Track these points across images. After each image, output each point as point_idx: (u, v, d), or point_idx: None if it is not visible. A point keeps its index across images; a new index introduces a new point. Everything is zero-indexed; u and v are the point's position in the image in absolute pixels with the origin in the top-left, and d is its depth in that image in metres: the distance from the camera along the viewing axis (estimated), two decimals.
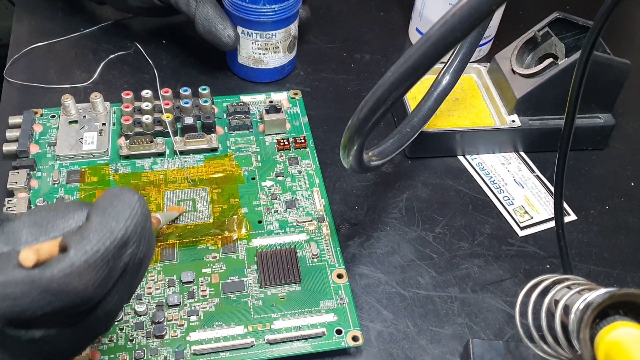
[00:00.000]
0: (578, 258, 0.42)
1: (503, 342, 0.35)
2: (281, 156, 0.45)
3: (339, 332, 0.36)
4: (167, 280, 0.37)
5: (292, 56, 0.51)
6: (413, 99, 0.48)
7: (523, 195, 0.45)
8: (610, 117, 0.48)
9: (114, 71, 0.52)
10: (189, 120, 0.45)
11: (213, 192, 0.42)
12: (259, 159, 0.45)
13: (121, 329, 0.35)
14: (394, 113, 0.50)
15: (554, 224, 0.37)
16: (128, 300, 0.27)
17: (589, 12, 0.40)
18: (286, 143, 0.45)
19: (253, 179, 0.43)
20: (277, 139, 0.46)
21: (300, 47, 0.53)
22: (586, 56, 0.31)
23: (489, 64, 0.49)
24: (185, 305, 0.37)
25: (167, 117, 0.45)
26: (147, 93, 0.45)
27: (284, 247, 0.40)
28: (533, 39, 0.47)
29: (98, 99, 0.46)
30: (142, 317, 0.36)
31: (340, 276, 0.38)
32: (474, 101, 0.49)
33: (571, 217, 0.44)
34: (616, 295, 0.26)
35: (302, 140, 0.46)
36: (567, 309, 0.29)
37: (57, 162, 0.43)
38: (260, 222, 0.41)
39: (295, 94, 0.49)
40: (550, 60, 0.44)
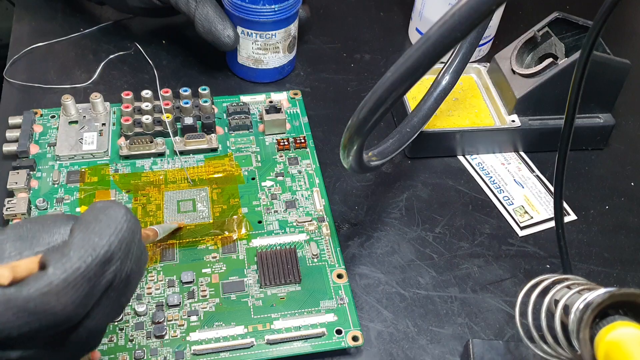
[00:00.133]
0: (578, 258, 0.42)
1: (503, 342, 0.35)
2: (281, 156, 0.45)
3: (339, 332, 0.36)
4: (167, 280, 0.38)
5: (292, 56, 0.51)
6: (413, 99, 0.48)
7: (523, 195, 0.45)
8: (610, 117, 0.47)
9: (114, 71, 0.52)
10: (188, 121, 0.45)
11: (213, 192, 0.42)
12: (259, 159, 0.45)
13: (121, 329, 0.35)
14: (394, 113, 0.50)
15: (554, 223, 0.37)
16: (116, 318, 0.25)
17: (589, 12, 0.40)
18: (286, 143, 0.45)
19: (253, 179, 0.43)
20: (277, 139, 0.46)
21: (300, 47, 0.53)
22: (586, 56, 0.31)
23: (489, 64, 0.49)
24: (185, 305, 0.37)
25: (167, 117, 0.45)
26: (147, 93, 0.45)
27: (284, 247, 0.40)
28: (533, 39, 0.47)
29: (98, 99, 0.46)
30: (142, 317, 0.36)
31: (340, 276, 0.38)
32: (474, 101, 0.49)
33: (571, 217, 0.44)
34: (616, 295, 0.26)
35: (302, 141, 0.46)
36: (567, 309, 0.29)
37: (57, 162, 0.43)
38: (260, 222, 0.41)
39: (295, 94, 0.49)
40: (550, 60, 0.44)
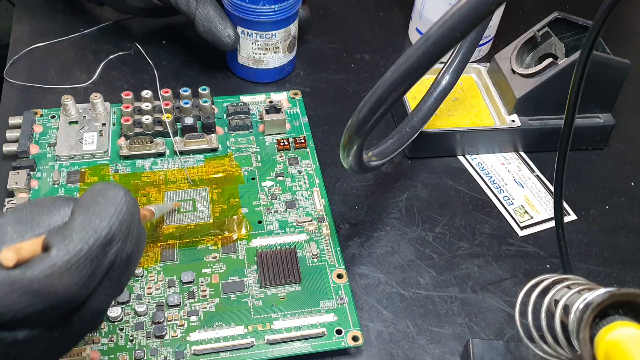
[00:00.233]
0: (578, 258, 0.42)
1: (503, 342, 0.35)
2: (281, 156, 0.45)
3: (339, 332, 0.36)
4: (167, 280, 0.37)
5: (292, 56, 0.51)
6: (413, 99, 0.48)
7: (523, 195, 0.45)
8: (610, 117, 0.47)
9: (114, 71, 0.52)
10: (188, 121, 0.45)
11: (213, 192, 0.42)
12: (259, 159, 0.45)
13: (121, 329, 0.35)
14: (394, 113, 0.50)
15: (554, 223, 0.37)
16: (116, 297, 0.26)
17: (588, 12, 0.40)
18: (286, 143, 0.45)
19: (253, 179, 0.43)
20: (277, 139, 0.46)
21: (300, 47, 0.53)
22: (586, 56, 0.31)
23: (489, 64, 0.49)
24: (185, 305, 0.37)
25: (167, 117, 0.45)
26: (147, 93, 0.45)
27: (284, 247, 0.40)
28: (533, 38, 0.47)
29: (98, 100, 0.46)
30: (142, 317, 0.36)
31: (340, 276, 0.38)
32: (474, 101, 0.49)
33: (571, 217, 0.44)
34: (616, 295, 0.26)
35: (302, 141, 0.46)
36: (567, 309, 0.29)
37: (57, 162, 0.43)
38: (260, 222, 0.41)
39: (295, 94, 0.49)
40: (550, 60, 0.44)
